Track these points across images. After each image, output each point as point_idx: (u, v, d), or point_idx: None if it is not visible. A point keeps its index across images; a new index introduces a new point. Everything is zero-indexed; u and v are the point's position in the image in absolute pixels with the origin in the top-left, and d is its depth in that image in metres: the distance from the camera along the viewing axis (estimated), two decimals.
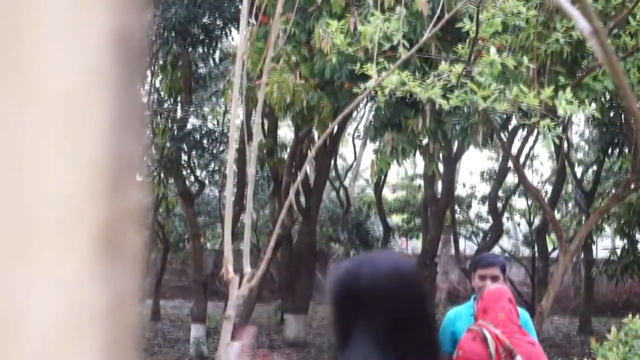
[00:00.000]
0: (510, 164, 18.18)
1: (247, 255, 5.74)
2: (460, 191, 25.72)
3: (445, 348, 5.30)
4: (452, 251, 24.78)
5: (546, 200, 15.21)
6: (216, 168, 18.58)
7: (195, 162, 18.50)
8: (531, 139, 19.45)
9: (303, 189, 18.00)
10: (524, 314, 5.45)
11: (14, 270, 0.73)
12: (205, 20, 15.53)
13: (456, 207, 23.99)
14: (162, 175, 18.23)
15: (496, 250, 22.66)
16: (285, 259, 18.19)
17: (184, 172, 18.35)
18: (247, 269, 5.67)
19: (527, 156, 22.47)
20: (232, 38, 16.71)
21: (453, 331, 5.44)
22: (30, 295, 0.73)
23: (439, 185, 20.51)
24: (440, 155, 13.56)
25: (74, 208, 0.73)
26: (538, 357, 4.89)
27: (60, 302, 0.73)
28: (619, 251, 17.94)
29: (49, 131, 0.74)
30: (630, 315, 6.77)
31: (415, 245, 29.45)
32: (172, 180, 17.99)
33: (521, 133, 17.19)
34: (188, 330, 17.35)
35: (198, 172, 19.40)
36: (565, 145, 17.53)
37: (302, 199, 18.64)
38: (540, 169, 25.99)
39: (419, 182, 26.12)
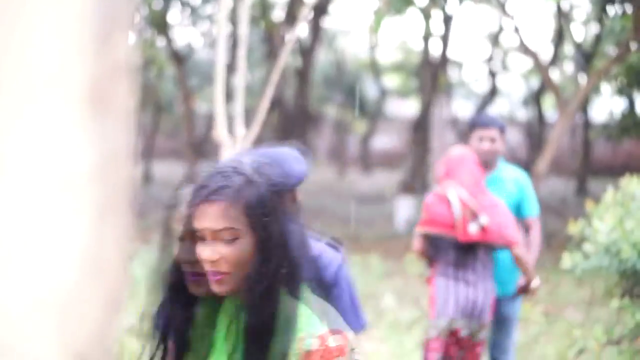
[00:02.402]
0: (508, 23, 17.86)
1: (240, 117, 5.70)
2: (457, 51, 25.44)
3: None
4: (447, 113, 24.70)
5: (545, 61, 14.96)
6: (207, 28, 18.28)
7: (186, 22, 18.15)
8: None
9: (297, 51, 17.76)
10: (525, 178, 5.37)
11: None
12: None
13: (452, 68, 23.74)
14: (151, 35, 17.90)
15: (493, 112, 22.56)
16: (279, 121, 18.09)
17: (174, 33, 18.02)
18: (240, 131, 5.60)
19: (526, 15, 22.11)
20: None
21: None
22: (17, 153, 0.73)
23: (435, 46, 20.19)
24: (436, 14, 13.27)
25: (62, 64, 0.73)
26: (501, 217, 4.84)
27: (50, 160, 0.73)
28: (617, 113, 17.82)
29: None
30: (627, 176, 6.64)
31: (410, 106, 29.37)
32: (163, 41, 17.67)
33: None
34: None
35: (189, 33, 19.10)
36: (566, 4, 17.18)
37: (296, 61, 18.43)
38: (539, 28, 25.65)
39: (415, 42, 25.78)
